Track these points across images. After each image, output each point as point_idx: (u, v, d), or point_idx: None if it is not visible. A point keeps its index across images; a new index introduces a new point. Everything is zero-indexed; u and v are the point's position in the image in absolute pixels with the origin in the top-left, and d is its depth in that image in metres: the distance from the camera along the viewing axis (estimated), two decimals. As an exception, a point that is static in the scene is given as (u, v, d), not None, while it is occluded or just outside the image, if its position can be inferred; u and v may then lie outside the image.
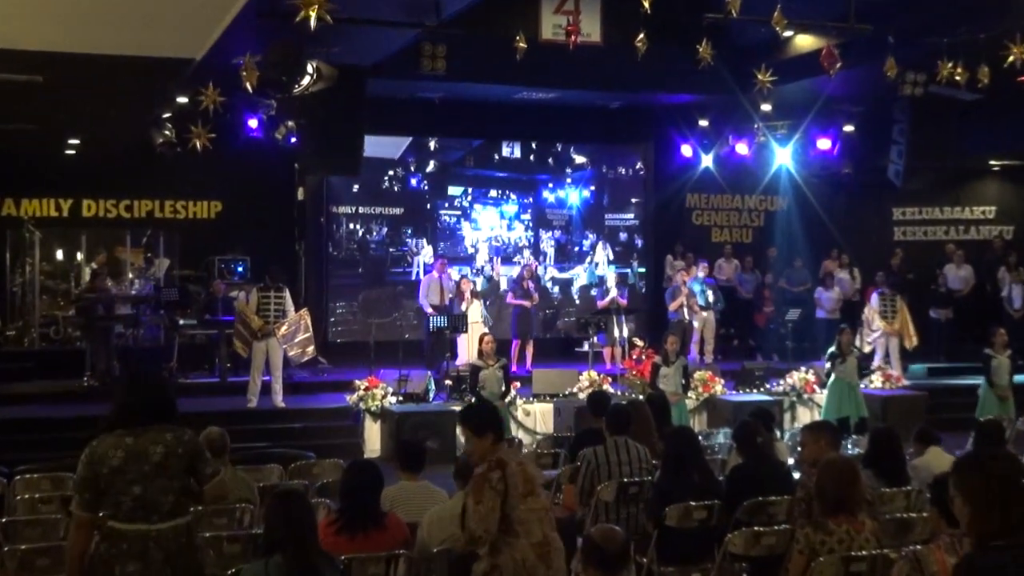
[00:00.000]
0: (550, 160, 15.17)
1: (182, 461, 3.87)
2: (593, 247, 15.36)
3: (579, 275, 14.77)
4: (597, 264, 14.94)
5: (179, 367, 11.76)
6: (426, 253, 14.30)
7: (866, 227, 15.78)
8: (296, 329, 10.58)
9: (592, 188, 15.37)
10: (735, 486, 5.40)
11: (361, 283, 14.24)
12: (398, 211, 14.48)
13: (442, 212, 14.75)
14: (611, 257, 15.25)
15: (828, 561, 4.10)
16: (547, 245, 15.27)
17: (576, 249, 15.37)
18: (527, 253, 14.81)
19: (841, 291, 14.26)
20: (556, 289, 15.26)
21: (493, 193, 15.09)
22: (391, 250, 14.39)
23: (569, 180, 15.27)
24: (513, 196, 15.10)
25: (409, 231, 14.51)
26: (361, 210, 14.26)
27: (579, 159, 15.26)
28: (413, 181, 14.56)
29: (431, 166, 14.60)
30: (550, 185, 15.27)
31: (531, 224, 15.17)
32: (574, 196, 15.32)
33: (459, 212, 14.86)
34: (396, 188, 14.45)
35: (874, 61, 10.12)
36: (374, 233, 14.36)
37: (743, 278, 14.94)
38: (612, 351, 12.80)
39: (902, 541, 4.70)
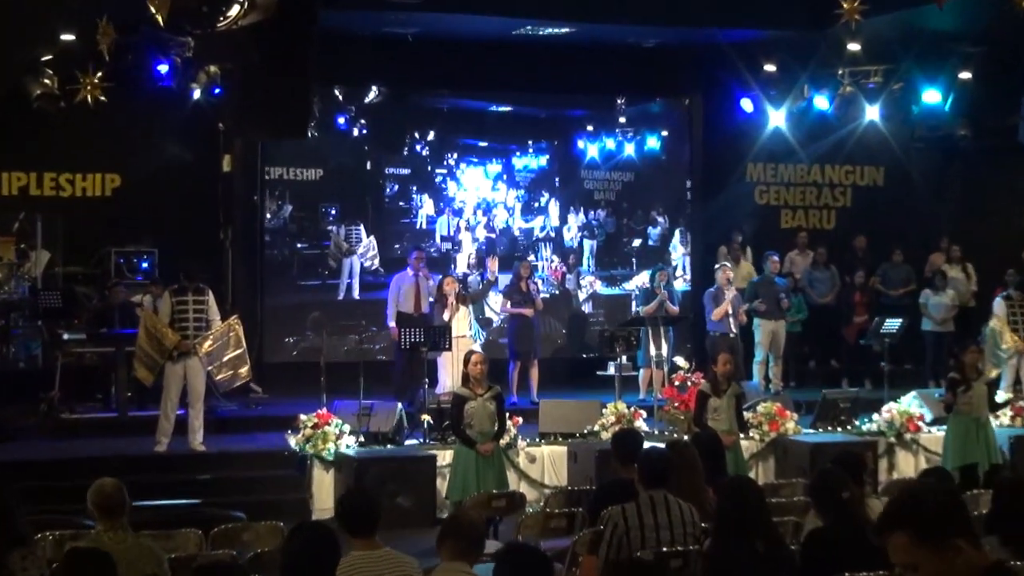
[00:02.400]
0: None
1: None
2: (662, 238, 15.41)
3: (642, 287, 14.37)
4: (673, 268, 14.96)
5: (62, 397, 11.76)
6: (366, 244, 14.55)
7: (989, 208, 15.84)
8: (224, 344, 10.63)
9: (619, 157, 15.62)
10: (812, 556, 5.41)
11: (308, 283, 14.36)
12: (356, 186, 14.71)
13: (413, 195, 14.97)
14: (686, 250, 15.44)
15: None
16: (572, 235, 15.47)
17: (634, 245, 15.54)
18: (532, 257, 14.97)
19: (955, 294, 14.31)
20: (588, 305, 15.34)
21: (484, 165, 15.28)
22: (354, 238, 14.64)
23: (619, 139, 15.56)
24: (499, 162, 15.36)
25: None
26: (308, 182, 14.37)
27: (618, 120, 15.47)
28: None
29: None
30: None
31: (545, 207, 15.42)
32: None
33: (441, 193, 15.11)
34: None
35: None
36: (327, 215, 14.51)
37: (815, 276, 15.00)
38: (649, 375, 12.84)
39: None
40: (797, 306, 13.98)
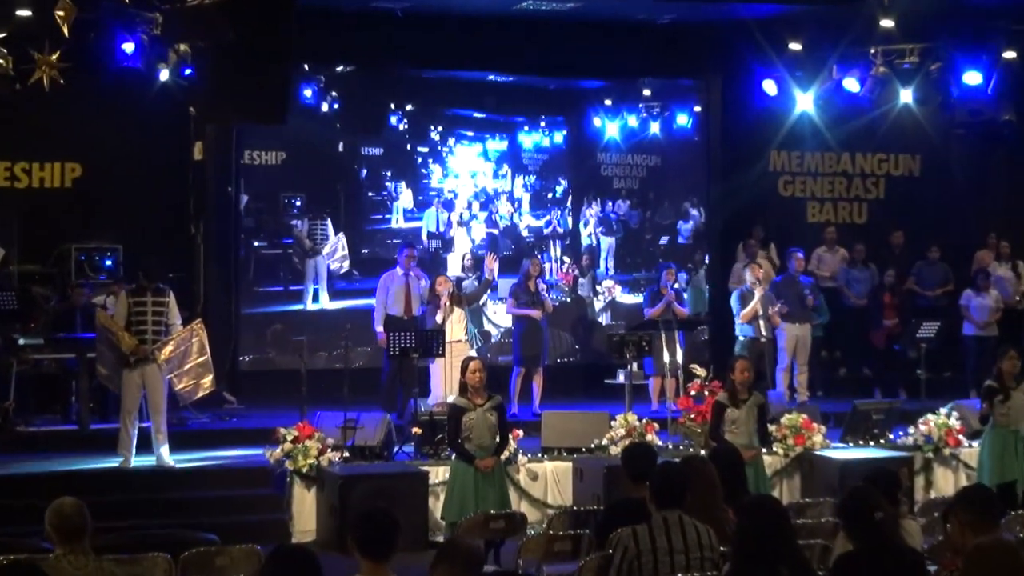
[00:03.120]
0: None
1: None
2: (695, 234, 15.35)
3: (649, 287, 14.06)
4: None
5: (17, 407, 11.74)
6: (333, 244, 14.46)
7: (1037, 200, 15.92)
8: (186, 350, 10.64)
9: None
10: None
11: (267, 289, 14.37)
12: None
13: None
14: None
15: None
16: (588, 231, 15.38)
17: (661, 243, 15.57)
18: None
19: (1000, 295, 14.32)
20: (606, 316, 15.26)
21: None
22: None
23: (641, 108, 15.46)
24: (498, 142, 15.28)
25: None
26: (266, 167, 14.30)
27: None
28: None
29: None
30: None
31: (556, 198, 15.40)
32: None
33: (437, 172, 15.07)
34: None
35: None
36: (291, 206, 14.54)
37: (853, 276, 14.99)
38: (661, 384, 12.85)
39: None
40: (819, 309, 13.94)
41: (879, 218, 15.95)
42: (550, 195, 15.46)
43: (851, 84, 14.35)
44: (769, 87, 14.73)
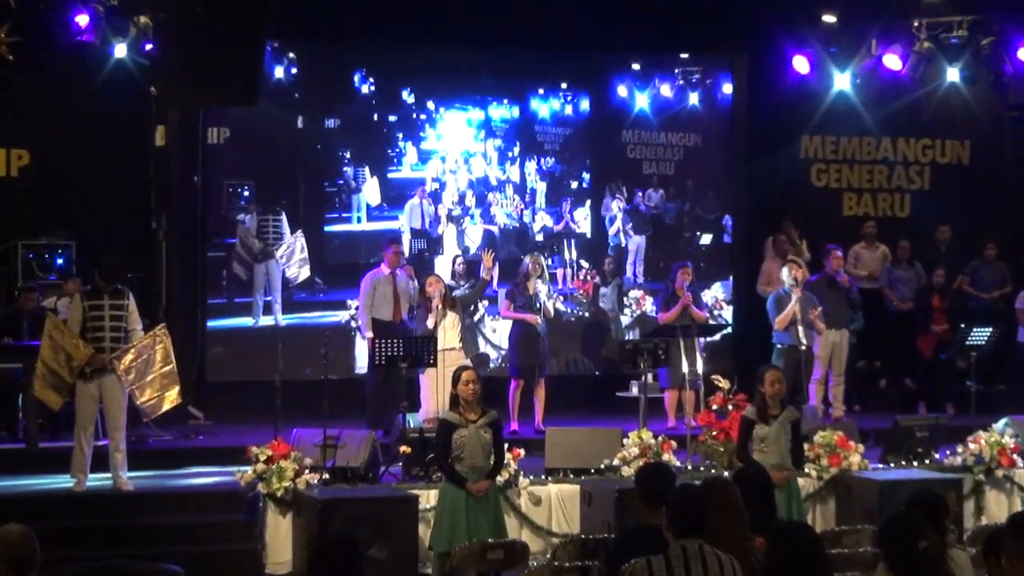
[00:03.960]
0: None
1: None
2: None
3: (663, 289, 13.87)
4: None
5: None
6: (289, 245, 14.24)
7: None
8: (148, 359, 10.60)
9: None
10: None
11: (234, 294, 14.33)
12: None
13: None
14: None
15: None
16: (614, 229, 15.18)
17: (703, 243, 15.41)
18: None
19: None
20: (635, 334, 14.87)
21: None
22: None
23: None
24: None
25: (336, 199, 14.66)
26: (207, 147, 14.16)
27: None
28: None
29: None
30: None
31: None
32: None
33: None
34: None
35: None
36: (238, 196, 14.45)
37: (897, 276, 15.00)
38: (679, 397, 12.83)
39: None
40: (853, 313, 13.90)
41: (923, 211, 15.94)
42: (574, 184, 15.22)
43: (892, 61, 14.36)
44: (801, 64, 14.72)
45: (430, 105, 14.83)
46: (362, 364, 13.69)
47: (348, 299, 14.04)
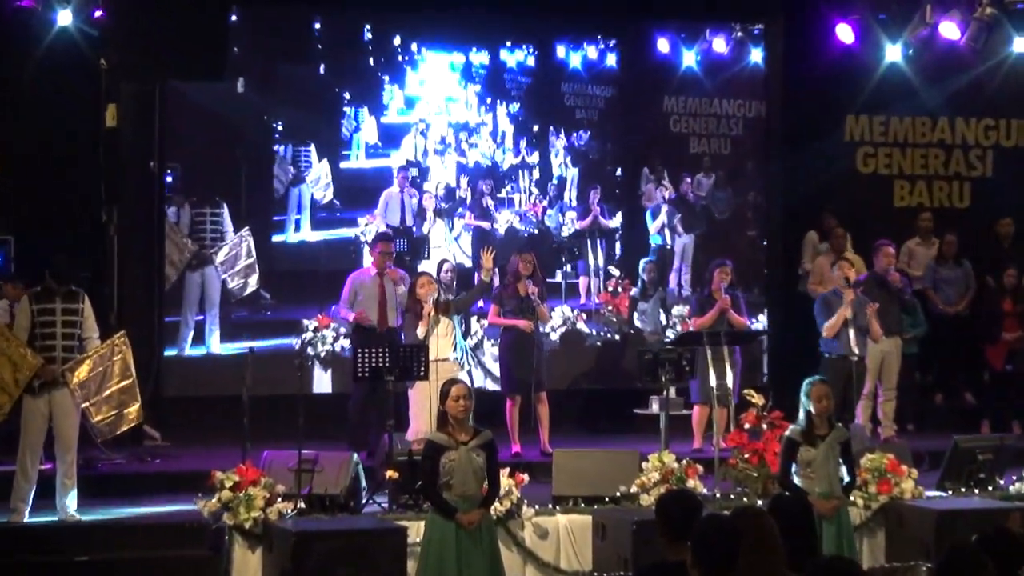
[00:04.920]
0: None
1: None
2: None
3: (697, 291, 14.07)
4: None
5: None
6: (233, 247, 14.17)
7: None
8: (105, 372, 10.60)
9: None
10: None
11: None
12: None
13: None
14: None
15: None
16: (656, 227, 15.04)
17: None
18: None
19: None
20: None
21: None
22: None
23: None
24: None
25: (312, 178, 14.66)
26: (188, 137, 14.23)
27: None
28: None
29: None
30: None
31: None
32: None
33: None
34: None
35: None
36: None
37: (942, 276, 15.04)
38: (707, 415, 12.81)
39: None
40: (912, 317, 13.90)
41: (985, 201, 15.99)
42: (617, 173, 15.15)
43: (950, 30, 14.36)
44: (845, 34, 14.72)
45: (423, 52, 14.85)
46: (323, 385, 13.81)
47: (304, 318, 13.97)
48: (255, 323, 14.08)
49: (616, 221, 15.37)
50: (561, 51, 15.03)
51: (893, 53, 14.81)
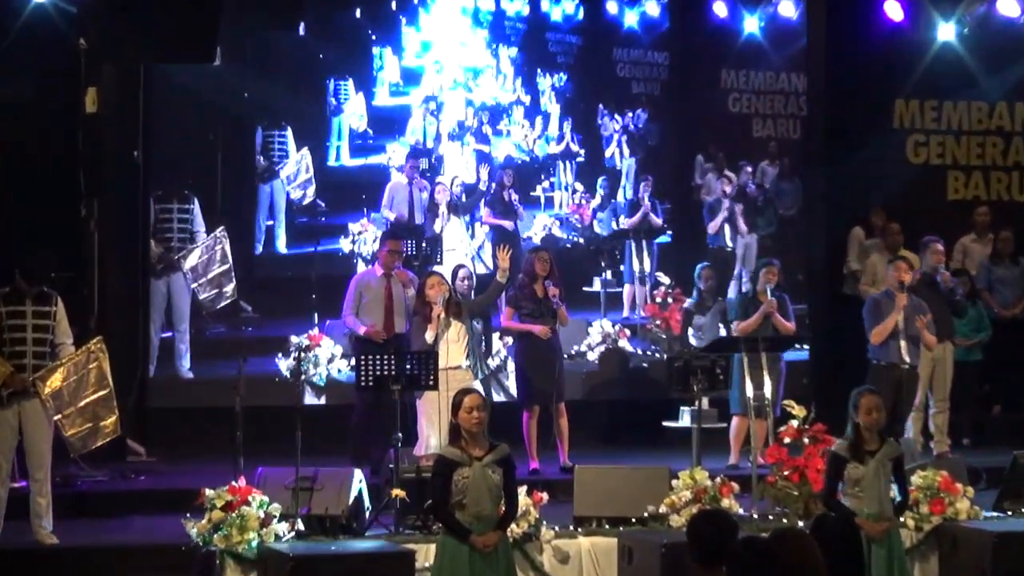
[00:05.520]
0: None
1: None
2: None
3: (738, 293, 13.94)
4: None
5: None
6: (207, 249, 13.99)
7: None
8: (80, 381, 10.58)
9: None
10: None
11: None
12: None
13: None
14: None
15: None
16: (715, 227, 14.98)
17: None
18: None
19: None
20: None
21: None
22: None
23: None
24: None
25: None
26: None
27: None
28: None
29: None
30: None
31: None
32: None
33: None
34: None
35: None
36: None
37: (997, 276, 15.01)
38: (746, 428, 12.80)
39: None
40: (975, 321, 13.83)
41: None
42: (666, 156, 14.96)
43: (1009, 7, 14.31)
44: (894, 11, 14.69)
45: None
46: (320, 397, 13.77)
47: (292, 334, 13.82)
48: (232, 341, 13.82)
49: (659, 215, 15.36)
50: (613, 6, 14.83)
51: (946, 32, 14.78)
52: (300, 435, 10.75)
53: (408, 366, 11.23)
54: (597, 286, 15.21)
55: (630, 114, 14.99)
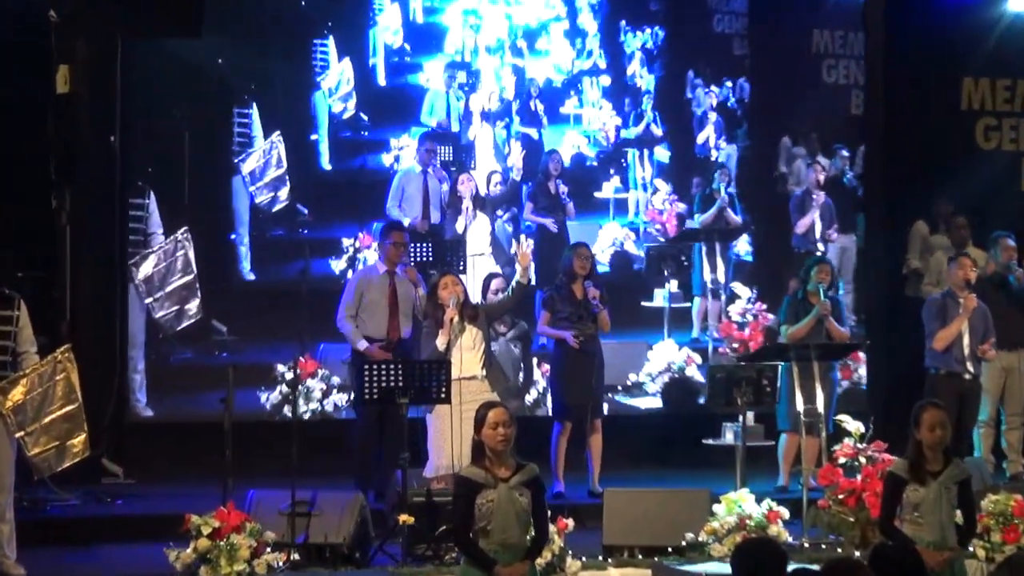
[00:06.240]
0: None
1: None
2: None
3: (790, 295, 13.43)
4: None
5: None
6: (173, 247, 14.01)
7: None
8: (45, 394, 10.58)
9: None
10: None
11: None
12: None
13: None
14: None
15: None
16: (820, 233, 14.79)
17: None
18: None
19: None
20: None
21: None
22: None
23: None
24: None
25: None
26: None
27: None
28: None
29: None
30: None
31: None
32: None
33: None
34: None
35: None
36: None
37: None
38: (796, 446, 12.76)
39: None
40: None
41: None
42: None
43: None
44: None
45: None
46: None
47: (278, 363, 13.74)
48: (200, 370, 13.72)
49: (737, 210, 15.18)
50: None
51: (1019, 2, 14.72)
52: (296, 452, 10.75)
53: (418, 376, 11.18)
54: (660, 300, 14.91)
55: (728, 83, 14.92)
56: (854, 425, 11.60)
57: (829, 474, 11.37)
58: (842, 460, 11.40)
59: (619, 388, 13.99)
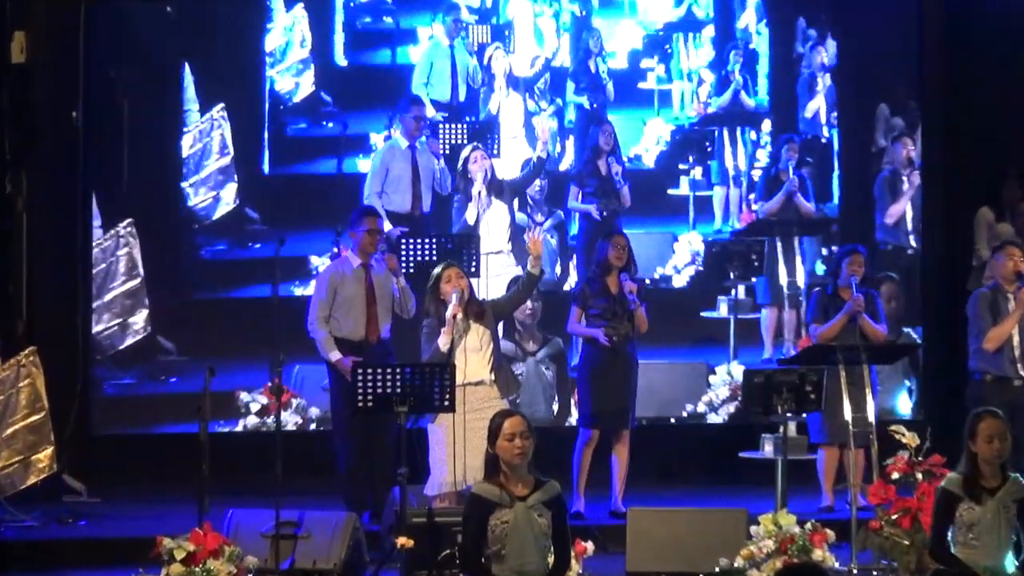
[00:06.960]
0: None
1: None
2: None
3: (816, 290, 13.41)
4: None
5: None
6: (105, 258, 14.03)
7: None
8: (7, 404, 10.86)
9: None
10: None
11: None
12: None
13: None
14: None
15: None
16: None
17: None
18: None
19: None
20: None
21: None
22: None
23: None
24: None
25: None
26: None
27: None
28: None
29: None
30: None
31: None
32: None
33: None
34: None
35: None
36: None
37: None
38: (837, 459, 12.79)
39: None
40: None
41: None
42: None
43: None
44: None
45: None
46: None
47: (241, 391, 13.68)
48: (139, 401, 13.94)
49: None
50: None
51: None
52: (281, 466, 10.73)
53: (417, 381, 11.14)
54: (723, 310, 14.50)
55: (811, 46, 14.74)
56: (909, 436, 11.57)
57: (881, 491, 11.33)
58: (895, 475, 11.35)
59: (672, 420, 13.89)
